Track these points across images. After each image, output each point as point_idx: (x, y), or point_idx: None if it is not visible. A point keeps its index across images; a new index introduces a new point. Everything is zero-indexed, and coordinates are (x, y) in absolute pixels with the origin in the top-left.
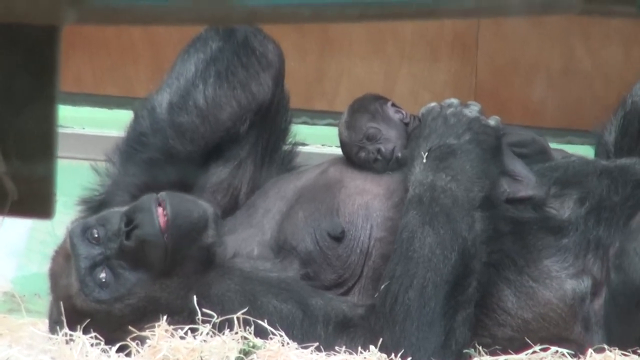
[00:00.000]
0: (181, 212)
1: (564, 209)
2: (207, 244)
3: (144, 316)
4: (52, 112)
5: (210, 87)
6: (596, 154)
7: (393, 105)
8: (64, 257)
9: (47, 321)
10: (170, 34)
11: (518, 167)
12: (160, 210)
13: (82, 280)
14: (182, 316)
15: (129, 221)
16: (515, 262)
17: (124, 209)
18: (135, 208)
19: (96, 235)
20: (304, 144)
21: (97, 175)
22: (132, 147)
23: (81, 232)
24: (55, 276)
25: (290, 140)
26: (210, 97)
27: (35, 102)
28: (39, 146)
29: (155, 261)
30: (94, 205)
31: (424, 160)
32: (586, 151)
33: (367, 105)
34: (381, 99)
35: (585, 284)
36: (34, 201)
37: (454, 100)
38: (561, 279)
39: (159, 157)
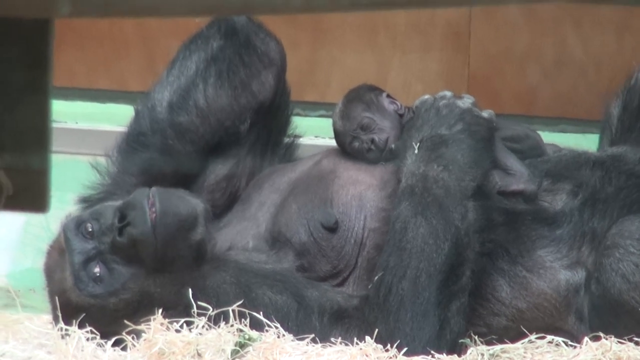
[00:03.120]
0: (169, 209)
1: (557, 201)
2: (196, 241)
3: (138, 311)
4: (45, 105)
5: (210, 87)
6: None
7: (388, 96)
8: (58, 252)
9: (42, 316)
10: (162, 27)
11: (511, 161)
12: (150, 206)
13: (76, 275)
14: (177, 310)
15: (122, 217)
16: (509, 252)
17: (117, 203)
18: (128, 204)
19: (90, 230)
20: (297, 136)
21: (97, 174)
22: (132, 146)
23: (75, 226)
24: (49, 271)
25: (291, 132)
26: (211, 97)
27: (28, 95)
28: (33, 139)
29: (147, 257)
30: (93, 204)
31: (416, 151)
32: (579, 140)
33: (362, 96)
34: (376, 90)
35: (579, 275)
36: (29, 195)
37: (447, 93)
38: (555, 270)
39: (159, 157)
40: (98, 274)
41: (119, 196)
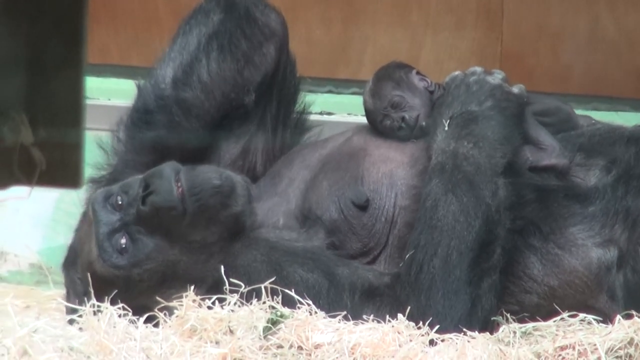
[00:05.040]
0: (198, 179)
1: (590, 177)
2: (236, 212)
3: (164, 282)
4: (79, 80)
5: (213, 61)
6: None
7: (418, 73)
8: (88, 225)
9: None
10: (194, 4)
11: (542, 135)
12: (176, 176)
13: (101, 246)
14: (206, 283)
15: (146, 186)
16: (541, 229)
17: (144, 173)
18: (153, 173)
19: (120, 202)
20: (329, 113)
21: (104, 153)
22: (138, 124)
23: (103, 199)
24: (81, 243)
25: (301, 104)
26: (214, 72)
27: (63, 70)
28: (67, 114)
29: (172, 226)
30: (103, 184)
31: (446, 128)
32: (612, 117)
33: (392, 73)
34: (406, 67)
35: (611, 254)
36: (63, 171)
37: (478, 69)
38: (587, 247)
39: (166, 134)
40: (123, 245)
41: (130, 174)
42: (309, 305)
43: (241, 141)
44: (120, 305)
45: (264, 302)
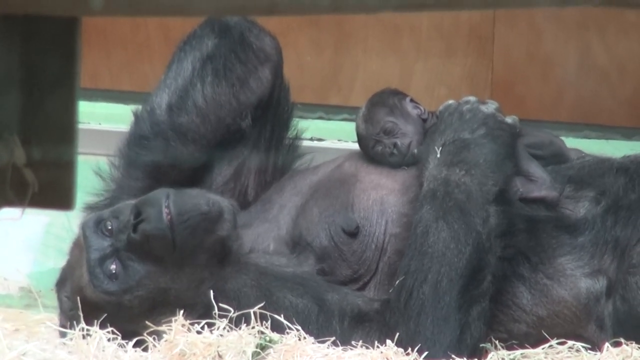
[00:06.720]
0: (187, 205)
1: (579, 208)
2: (221, 237)
3: (155, 308)
4: (72, 102)
5: (208, 86)
6: None
7: (412, 100)
8: (79, 250)
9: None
10: (185, 30)
11: (533, 167)
12: (166, 203)
13: (92, 272)
14: (196, 310)
15: (138, 214)
16: (530, 259)
17: (136, 200)
18: (144, 201)
19: (109, 228)
20: (320, 139)
21: (101, 180)
22: (134, 150)
23: (94, 224)
24: (71, 268)
25: (293, 130)
26: (209, 96)
27: (56, 92)
28: (60, 134)
29: (163, 254)
30: (99, 211)
31: (438, 155)
32: (602, 146)
33: (386, 100)
34: (400, 94)
35: (600, 284)
36: (55, 192)
37: (472, 98)
38: (576, 278)
39: (162, 160)
40: (114, 271)
41: (126, 201)
42: (298, 330)
43: (234, 163)
44: (110, 329)
45: (253, 327)
